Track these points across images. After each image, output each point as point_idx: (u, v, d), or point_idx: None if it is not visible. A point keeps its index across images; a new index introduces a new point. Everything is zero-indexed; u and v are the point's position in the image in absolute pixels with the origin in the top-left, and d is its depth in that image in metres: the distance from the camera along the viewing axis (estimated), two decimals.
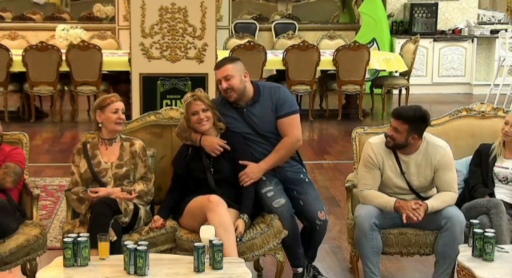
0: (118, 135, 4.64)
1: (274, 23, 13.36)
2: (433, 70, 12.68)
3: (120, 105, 4.60)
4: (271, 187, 4.62)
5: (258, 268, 4.99)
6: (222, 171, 4.58)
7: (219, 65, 4.69)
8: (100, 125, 4.60)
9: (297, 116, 4.70)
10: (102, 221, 4.23)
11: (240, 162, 4.58)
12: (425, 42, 12.34)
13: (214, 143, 4.57)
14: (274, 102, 4.63)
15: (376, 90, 11.16)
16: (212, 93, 7.49)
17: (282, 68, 10.30)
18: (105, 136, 4.61)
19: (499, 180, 4.76)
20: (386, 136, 4.57)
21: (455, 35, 12.76)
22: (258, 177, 4.58)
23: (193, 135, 4.62)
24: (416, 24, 12.59)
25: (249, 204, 4.53)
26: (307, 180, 4.76)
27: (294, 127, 4.66)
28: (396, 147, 4.56)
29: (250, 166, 4.57)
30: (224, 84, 4.59)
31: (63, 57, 9.83)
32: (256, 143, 4.65)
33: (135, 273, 3.68)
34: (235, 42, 10.96)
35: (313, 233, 4.69)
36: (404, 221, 4.43)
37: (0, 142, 4.68)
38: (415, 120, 4.47)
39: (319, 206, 4.66)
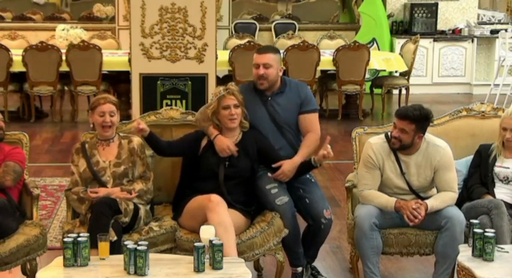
0: (116, 135, 4.63)
1: (274, 23, 13.34)
2: (433, 70, 12.68)
3: (107, 107, 4.53)
4: (276, 185, 4.62)
5: (258, 268, 4.99)
6: (237, 166, 4.57)
7: (262, 51, 4.80)
8: (91, 125, 4.60)
9: (317, 115, 4.88)
10: (102, 221, 4.23)
11: (273, 165, 4.58)
12: (425, 42, 12.33)
13: (224, 145, 4.54)
14: (302, 97, 4.76)
15: (376, 90, 11.15)
16: None
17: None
18: (100, 137, 4.62)
19: (500, 180, 4.76)
20: (390, 137, 4.56)
21: (455, 35, 12.75)
22: (293, 173, 4.59)
23: (210, 129, 4.61)
24: (416, 24, 12.58)
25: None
26: (313, 180, 4.81)
27: (317, 124, 4.85)
28: (402, 148, 4.55)
29: (285, 164, 4.59)
30: (261, 70, 4.66)
31: (63, 57, 9.82)
32: (269, 132, 4.68)
33: (135, 273, 3.68)
34: (235, 42, 10.93)
35: (317, 232, 4.70)
36: (410, 224, 4.43)
37: (2, 137, 4.68)
38: (421, 119, 4.48)
39: (324, 205, 4.69)
